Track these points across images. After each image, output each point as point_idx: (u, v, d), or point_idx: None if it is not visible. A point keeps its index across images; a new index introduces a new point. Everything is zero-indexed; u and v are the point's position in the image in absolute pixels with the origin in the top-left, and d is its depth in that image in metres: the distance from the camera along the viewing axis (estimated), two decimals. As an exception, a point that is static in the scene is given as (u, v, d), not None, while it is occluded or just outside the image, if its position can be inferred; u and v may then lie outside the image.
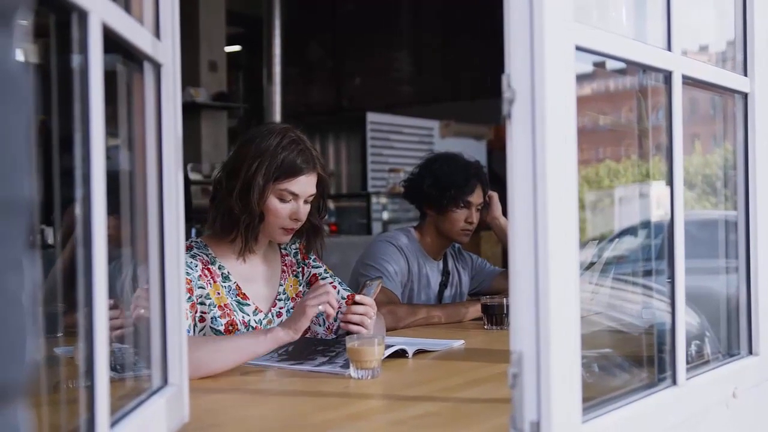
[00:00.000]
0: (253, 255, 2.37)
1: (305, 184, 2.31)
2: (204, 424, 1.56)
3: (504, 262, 4.82)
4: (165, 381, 1.42)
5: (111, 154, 1.14)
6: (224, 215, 2.29)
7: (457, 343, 2.45)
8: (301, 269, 2.51)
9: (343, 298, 2.45)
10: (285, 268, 2.47)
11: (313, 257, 2.53)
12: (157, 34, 1.40)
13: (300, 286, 2.49)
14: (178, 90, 1.46)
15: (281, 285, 2.44)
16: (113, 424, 1.13)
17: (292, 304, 2.43)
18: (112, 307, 1.12)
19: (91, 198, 1.04)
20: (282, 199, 2.28)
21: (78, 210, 1.05)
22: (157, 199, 1.41)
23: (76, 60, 1.05)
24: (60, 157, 1.09)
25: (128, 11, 1.25)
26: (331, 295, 2.09)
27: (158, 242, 1.42)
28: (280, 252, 2.50)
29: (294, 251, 2.52)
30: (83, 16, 1.03)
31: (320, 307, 2.06)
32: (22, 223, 0.62)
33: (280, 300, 2.42)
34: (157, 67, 1.40)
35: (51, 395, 1.26)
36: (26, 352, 0.62)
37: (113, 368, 1.24)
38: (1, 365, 0.60)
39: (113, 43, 1.16)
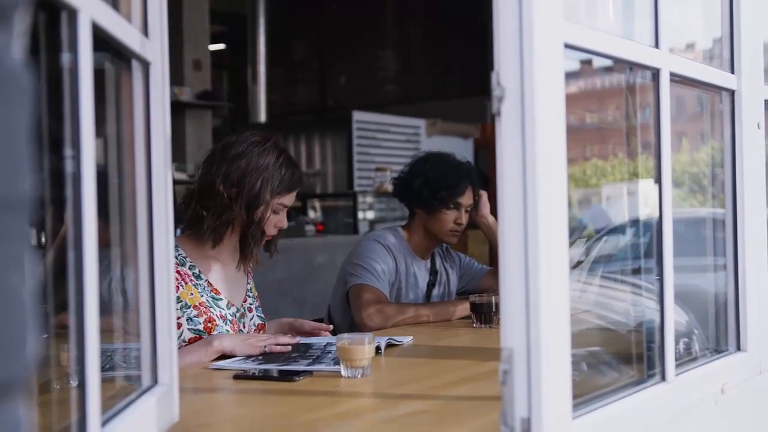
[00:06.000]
0: (223, 256, 2.46)
1: (294, 197, 2.47)
2: (194, 424, 1.55)
3: (491, 261, 4.82)
4: (155, 380, 1.42)
5: (98, 153, 1.13)
6: (225, 225, 2.37)
7: (407, 339, 2.47)
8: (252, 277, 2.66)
9: (254, 325, 2.54)
10: (249, 269, 2.60)
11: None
12: (145, 32, 1.40)
13: (255, 290, 2.63)
14: (167, 89, 1.45)
15: (248, 284, 2.57)
16: (104, 423, 1.13)
17: (257, 303, 2.58)
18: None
19: (82, 198, 1.04)
20: (275, 212, 2.41)
21: (67, 210, 1.05)
22: (146, 199, 1.40)
23: (65, 58, 1.05)
24: (46, 156, 1.08)
25: (116, 9, 1.25)
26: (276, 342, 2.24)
27: (147, 242, 1.41)
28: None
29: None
30: (73, 14, 1.03)
31: (266, 348, 2.21)
32: (24, 220, 0.62)
33: (249, 297, 2.55)
34: (145, 65, 1.39)
35: (40, 395, 1.26)
36: (28, 349, 0.62)
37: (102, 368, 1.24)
38: (4, 362, 0.60)
39: (101, 41, 1.15)
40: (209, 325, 2.33)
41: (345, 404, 1.77)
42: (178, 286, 2.30)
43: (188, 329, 2.30)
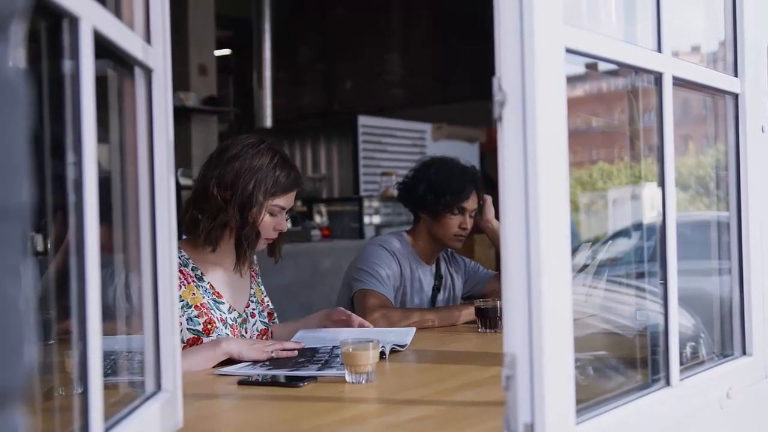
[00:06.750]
0: (225, 261, 2.45)
1: (292, 199, 2.46)
2: (198, 430, 1.55)
3: (497, 266, 4.81)
4: (159, 386, 1.42)
5: (101, 160, 1.14)
6: (219, 227, 2.37)
7: (410, 335, 2.48)
8: (260, 279, 2.65)
9: (257, 330, 2.53)
10: (253, 274, 2.60)
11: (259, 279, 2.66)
12: (147, 39, 1.40)
13: (263, 294, 2.62)
14: (169, 95, 1.45)
15: (252, 288, 2.57)
16: (107, 429, 1.13)
17: (261, 307, 2.58)
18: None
19: (84, 205, 1.04)
20: (272, 214, 2.41)
21: (70, 216, 1.05)
22: (149, 206, 1.40)
23: (66, 65, 1.05)
24: (50, 163, 1.08)
25: (118, 16, 1.25)
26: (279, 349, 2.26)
27: (150, 249, 1.41)
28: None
29: (255, 261, 2.65)
30: (74, 21, 1.03)
31: (273, 354, 2.22)
32: (21, 229, 0.63)
33: (252, 302, 2.55)
34: (148, 72, 1.40)
35: (44, 402, 1.26)
36: (24, 357, 0.63)
37: (105, 374, 1.24)
38: (1, 370, 0.60)
39: (103, 48, 1.15)
40: (209, 326, 2.33)
41: (349, 410, 1.77)
42: (180, 285, 2.30)
43: (188, 329, 2.31)
